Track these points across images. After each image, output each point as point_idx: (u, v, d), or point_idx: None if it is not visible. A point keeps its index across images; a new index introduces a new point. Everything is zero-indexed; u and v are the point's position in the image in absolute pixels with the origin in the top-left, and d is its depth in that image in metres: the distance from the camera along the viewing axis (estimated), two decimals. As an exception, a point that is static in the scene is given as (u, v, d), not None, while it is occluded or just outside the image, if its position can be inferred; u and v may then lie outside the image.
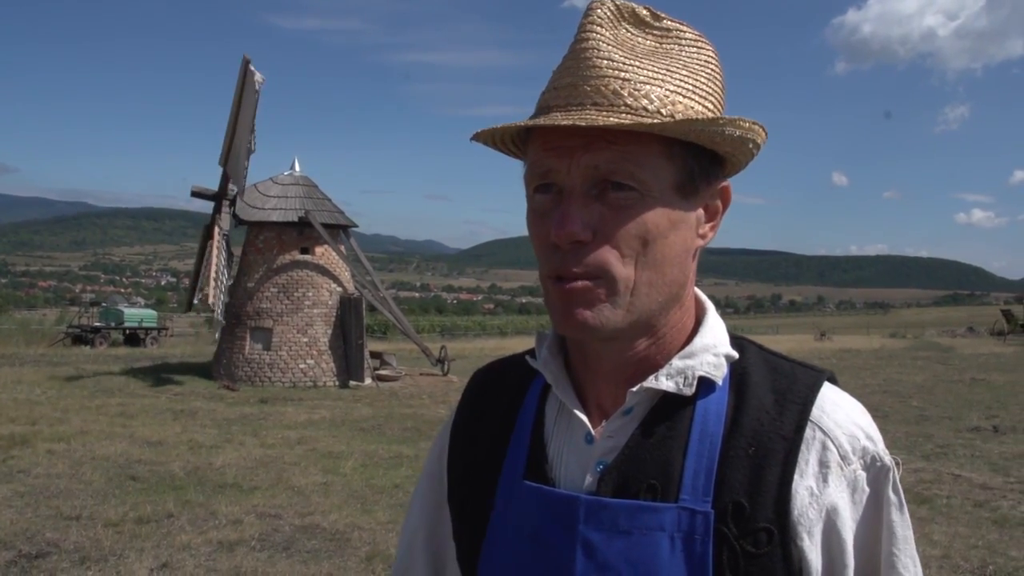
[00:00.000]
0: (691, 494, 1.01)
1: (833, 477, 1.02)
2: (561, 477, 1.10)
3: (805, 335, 64.53)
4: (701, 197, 1.06)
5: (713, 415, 1.05)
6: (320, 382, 21.00)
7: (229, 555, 6.84)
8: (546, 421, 1.15)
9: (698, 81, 1.04)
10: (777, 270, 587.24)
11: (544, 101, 1.04)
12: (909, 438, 13.54)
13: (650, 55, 1.04)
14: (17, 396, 16.45)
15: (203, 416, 14.92)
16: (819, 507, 1.01)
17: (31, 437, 11.74)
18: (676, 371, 1.06)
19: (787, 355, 1.14)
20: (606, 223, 0.99)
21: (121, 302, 47.71)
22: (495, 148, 1.11)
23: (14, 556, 6.70)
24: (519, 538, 1.09)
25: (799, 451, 1.02)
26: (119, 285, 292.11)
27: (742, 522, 0.99)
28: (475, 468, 1.19)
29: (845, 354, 37.83)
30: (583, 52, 1.02)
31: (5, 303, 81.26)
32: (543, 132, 1.02)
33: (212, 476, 9.74)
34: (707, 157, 1.04)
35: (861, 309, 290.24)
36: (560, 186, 1.01)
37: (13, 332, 37.21)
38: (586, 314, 1.01)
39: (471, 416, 1.25)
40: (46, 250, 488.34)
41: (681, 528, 1.00)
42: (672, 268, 1.04)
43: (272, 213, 21.33)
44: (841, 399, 1.08)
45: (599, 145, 0.98)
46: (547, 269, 1.03)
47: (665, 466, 1.03)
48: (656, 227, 1.01)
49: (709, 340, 1.10)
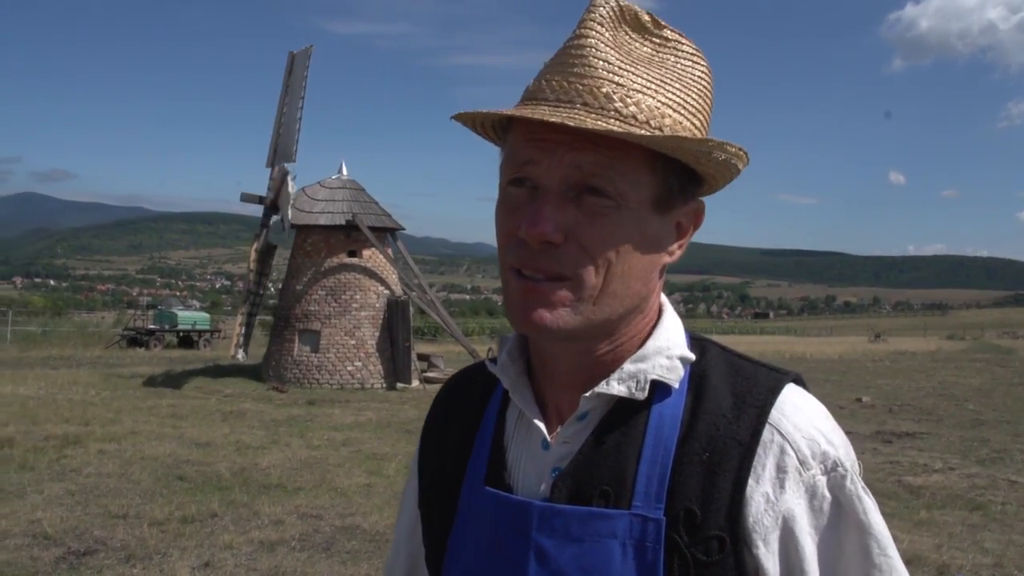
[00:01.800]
0: (644, 501, 0.99)
1: (791, 483, 0.98)
2: (519, 483, 1.09)
3: (859, 337, 63.70)
4: (675, 215, 1.04)
5: (668, 419, 1.03)
6: (367, 384, 21.14)
7: (270, 555, 6.91)
8: (507, 427, 1.14)
9: (689, 97, 1.02)
10: (831, 271, 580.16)
11: (532, 91, 1.02)
12: (963, 442, 13.32)
13: (646, 62, 1.01)
14: (72, 397, 16.79)
15: (251, 417, 15.11)
16: (775, 514, 0.98)
17: (84, 437, 11.97)
18: (628, 375, 1.04)
19: (752, 357, 1.10)
20: (580, 229, 0.97)
21: (176, 305, 48.38)
22: (475, 132, 1.09)
23: (63, 553, 6.85)
24: (479, 543, 1.09)
25: (755, 456, 0.99)
26: (174, 288, 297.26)
27: (693, 529, 0.97)
28: (441, 473, 1.19)
29: (900, 356, 37.29)
30: (580, 49, 1.00)
31: (65, 306, 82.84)
32: (528, 122, 0.99)
33: (257, 477, 9.85)
34: (687, 175, 1.02)
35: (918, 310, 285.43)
36: (536, 181, 0.99)
37: (71, 334, 37.97)
38: (545, 315, 0.99)
39: (440, 421, 1.25)
40: (104, 254, 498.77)
41: (633, 535, 0.98)
42: (636, 282, 1.02)
43: (320, 216, 21.52)
44: (803, 402, 1.04)
45: (584, 146, 0.96)
46: (511, 261, 1.01)
47: (618, 472, 1.01)
48: (628, 239, 0.99)
49: (662, 342, 1.07)
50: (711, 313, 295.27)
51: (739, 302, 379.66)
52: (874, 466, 10.99)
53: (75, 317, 55.02)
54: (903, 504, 8.97)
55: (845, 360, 36.02)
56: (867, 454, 11.96)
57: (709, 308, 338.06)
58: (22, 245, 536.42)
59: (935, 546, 7.38)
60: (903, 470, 10.89)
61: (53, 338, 36.46)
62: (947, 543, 7.50)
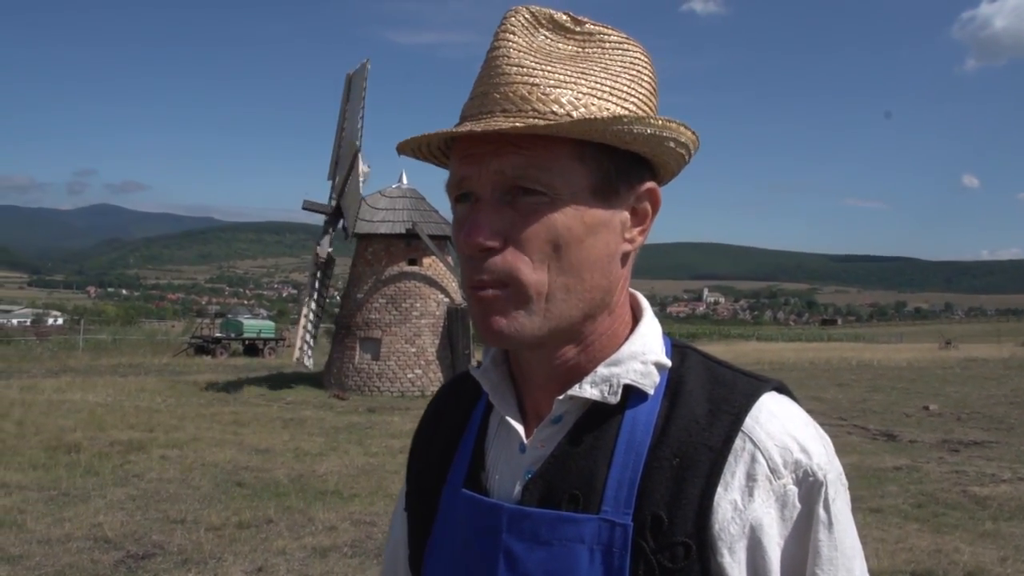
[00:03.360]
0: (613, 506, 0.99)
1: (760, 491, 0.97)
2: (495, 486, 1.09)
3: (929, 343, 62.32)
4: (623, 199, 1.03)
5: (642, 424, 1.02)
6: (428, 392, 21.24)
7: (322, 561, 6.98)
8: (489, 431, 1.15)
9: (617, 82, 1.01)
10: (902, 276, 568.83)
11: (463, 111, 1.04)
12: (1035, 452, 12.92)
13: (568, 59, 1.02)
14: (139, 404, 17.20)
15: (311, 424, 15.29)
16: (742, 522, 0.96)
17: (147, 443, 12.27)
18: (601, 379, 1.04)
19: (733, 364, 1.09)
20: (515, 229, 0.98)
21: (243, 313, 49.22)
22: (423, 160, 1.10)
23: (122, 556, 7.01)
24: (454, 546, 1.10)
25: (725, 463, 0.97)
26: (242, 297, 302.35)
27: (660, 535, 0.96)
28: (426, 475, 1.20)
29: (970, 363, 36.35)
30: (494, 60, 1.01)
31: (136, 315, 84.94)
32: (459, 141, 1.01)
33: (314, 483, 9.96)
34: (626, 159, 1.01)
35: (992, 316, 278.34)
36: (474, 194, 1.00)
37: (141, 343, 38.93)
38: (501, 322, 0.99)
39: (428, 426, 1.26)
40: (175, 263, 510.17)
41: (600, 540, 0.98)
42: (592, 273, 1.01)
43: (380, 225, 21.75)
44: (781, 410, 1.02)
45: (507, 151, 0.97)
46: (466, 278, 1.02)
47: (589, 476, 1.01)
48: (568, 231, 0.98)
49: (637, 347, 1.06)
50: (778, 320, 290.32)
51: (807, 308, 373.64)
52: (939, 476, 10.74)
53: (145, 326, 56.39)
54: (968, 515, 8.73)
55: (914, 367, 35.23)
56: (932, 463, 11.70)
57: (776, 315, 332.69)
58: (96, 255, 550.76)
59: (999, 559, 7.17)
60: (969, 480, 10.60)
61: (123, 346, 37.42)
62: (1012, 556, 7.28)
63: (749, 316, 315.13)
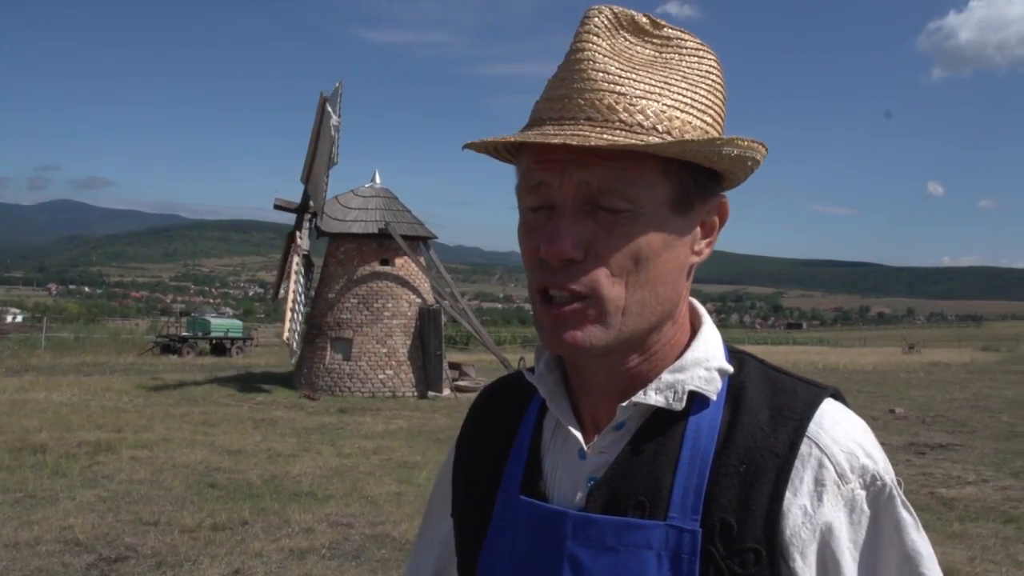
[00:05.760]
0: (679, 512, 0.99)
1: (829, 496, 0.98)
2: (555, 493, 1.09)
3: (893, 348, 63.06)
4: (697, 213, 1.04)
5: (705, 431, 1.03)
6: (399, 392, 21.20)
7: (300, 563, 6.93)
8: (543, 436, 1.15)
9: (697, 94, 1.01)
10: (865, 281, 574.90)
11: (537, 112, 1.02)
12: (998, 454, 13.14)
13: (649, 65, 1.01)
14: (106, 403, 16.99)
15: (283, 425, 15.19)
16: (813, 527, 0.98)
17: (116, 444, 12.11)
18: (666, 385, 1.04)
19: (790, 371, 1.10)
20: (598, 241, 0.97)
21: (209, 312, 48.79)
22: (488, 155, 1.09)
23: (94, 559, 6.91)
24: (513, 553, 1.09)
25: (792, 468, 0.99)
26: (208, 296, 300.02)
27: (729, 541, 0.97)
28: (476, 482, 1.19)
29: (933, 368, 36.88)
30: (578, 63, 0.99)
31: (99, 313, 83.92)
32: (535, 144, 1.00)
33: (288, 484, 9.90)
34: (704, 173, 1.02)
35: (953, 322, 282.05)
36: (551, 201, 0.99)
37: (105, 341, 38.34)
38: (576, 335, 0.99)
39: (475, 430, 1.26)
40: (139, 261, 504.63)
41: (668, 546, 0.98)
42: (665, 287, 1.02)
43: (352, 225, 21.65)
44: (841, 416, 1.05)
45: (592, 161, 0.96)
46: (535, 283, 1.01)
47: (654, 483, 1.01)
48: (649, 246, 0.98)
49: (701, 354, 1.07)
50: (743, 323, 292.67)
51: (772, 312, 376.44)
52: (907, 477, 10.86)
53: (109, 324, 55.55)
54: (936, 516, 8.86)
55: (879, 371, 35.66)
56: (900, 465, 11.82)
57: (742, 318, 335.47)
58: (58, 252, 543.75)
59: (968, 559, 7.29)
60: (936, 482, 10.78)
61: (87, 345, 36.84)
62: (980, 556, 7.42)
63: (715, 319, 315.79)
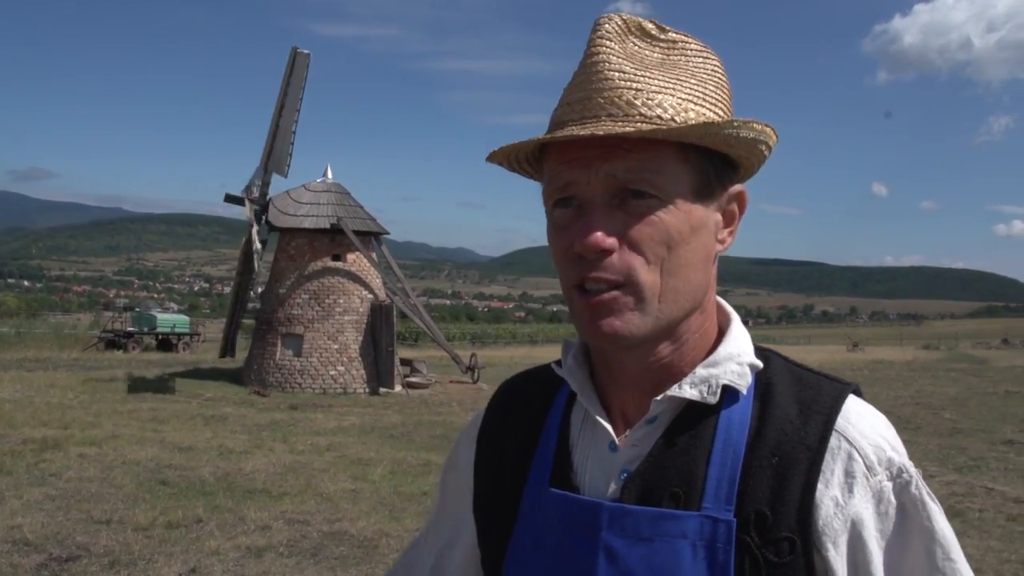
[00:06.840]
0: (714, 502, 1.02)
1: (859, 487, 1.02)
2: (586, 484, 1.11)
3: (837, 346, 64.12)
4: (718, 201, 1.08)
5: (737, 424, 1.06)
6: (350, 389, 21.08)
7: (257, 561, 6.84)
8: (571, 429, 1.17)
9: (707, 89, 1.06)
10: (810, 280, 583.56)
11: (558, 117, 1.06)
12: (941, 450, 13.39)
13: (659, 66, 1.06)
14: (50, 400, 16.63)
15: (233, 422, 15.01)
16: (844, 517, 1.01)
17: (63, 441, 11.85)
18: (700, 379, 1.07)
19: (813, 367, 1.14)
20: (630, 230, 1.01)
21: (154, 307, 48.15)
22: (511, 170, 1.14)
23: (44, 559, 6.74)
24: (543, 545, 1.11)
25: (823, 461, 1.02)
26: (152, 290, 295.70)
27: (764, 531, 1.00)
28: (501, 476, 1.21)
29: (877, 365, 37.51)
30: (594, 66, 1.04)
31: (40, 307, 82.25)
32: (560, 146, 1.04)
33: (241, 482, 9.78)
34: (721, 160, 1.06)
35: (894, 320, 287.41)
36: (580, 198, 1.03)
37: (47, 336, 37.71)
38: (615, 324, 1.02)
39: (498, 425, 1.27)
40: (81, 255, 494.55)
41: (703, 536, 1.01)
42: (696, 273, 1.06)
43: (304, 220, 21.47)
44: (866, 411, 1.08)
45: (617, 154, 1.00)
46: (571, 278, 1.04)
47: (688, 474, 1.04)
48: (679, 232, 1.02)
49: (733, 349, 1.10)
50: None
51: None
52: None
53: (50, 319, 54.64)
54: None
55: (824, 369, 36.23)
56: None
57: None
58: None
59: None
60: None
61: (28, 340, 36.18)
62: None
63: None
